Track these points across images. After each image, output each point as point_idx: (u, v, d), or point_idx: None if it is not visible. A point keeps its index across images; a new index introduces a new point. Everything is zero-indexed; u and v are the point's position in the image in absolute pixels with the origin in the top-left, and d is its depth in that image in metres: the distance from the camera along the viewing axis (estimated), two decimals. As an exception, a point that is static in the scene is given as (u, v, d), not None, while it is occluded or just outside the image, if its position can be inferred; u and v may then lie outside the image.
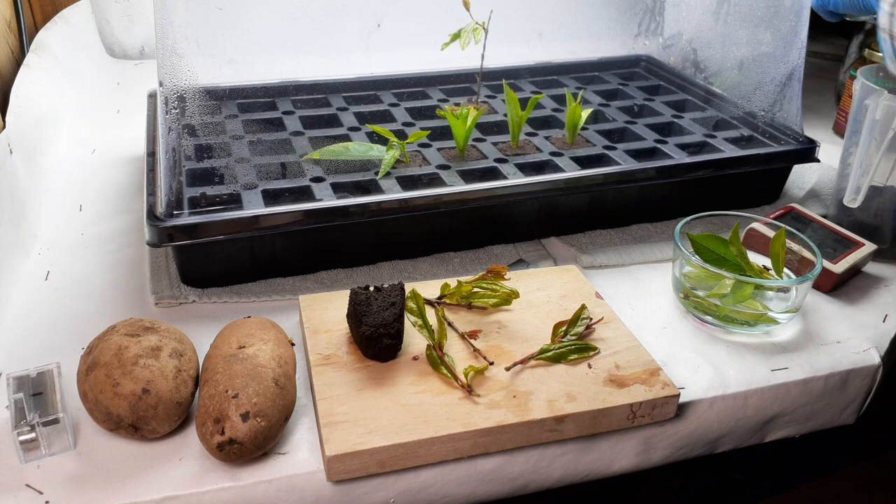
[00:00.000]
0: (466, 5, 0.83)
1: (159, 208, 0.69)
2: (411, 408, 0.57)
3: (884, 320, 0.74)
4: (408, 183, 0.77)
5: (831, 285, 0.76)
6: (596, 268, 0.79)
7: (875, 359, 0.69)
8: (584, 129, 0.91)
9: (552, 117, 0.96)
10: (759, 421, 0.66)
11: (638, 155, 0.86)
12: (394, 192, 0.75)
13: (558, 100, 0.99)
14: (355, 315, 0.62)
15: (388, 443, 0.54)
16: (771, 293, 0.71)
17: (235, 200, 0.73)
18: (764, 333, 0.71)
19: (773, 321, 0.70)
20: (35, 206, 0.83)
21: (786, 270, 0.74)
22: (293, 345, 0.63)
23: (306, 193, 0.75)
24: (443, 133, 0.88)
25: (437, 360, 0.61)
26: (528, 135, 0.90)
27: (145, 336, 0.56)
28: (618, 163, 0.83)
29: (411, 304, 0.65)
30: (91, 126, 1.06)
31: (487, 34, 0.84)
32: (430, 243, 0.79)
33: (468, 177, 0.79)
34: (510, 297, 0.69)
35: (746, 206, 0.90)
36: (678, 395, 0.61)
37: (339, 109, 0.93)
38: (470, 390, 0.59)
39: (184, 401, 0.56)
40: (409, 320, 0.65)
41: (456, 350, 0.64)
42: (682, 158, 0.85)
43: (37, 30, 1.10)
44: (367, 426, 0.56)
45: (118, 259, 0.78)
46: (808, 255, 0.73)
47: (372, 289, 0.64)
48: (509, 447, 0.58)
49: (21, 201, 0.79)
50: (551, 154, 0.85)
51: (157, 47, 0.70)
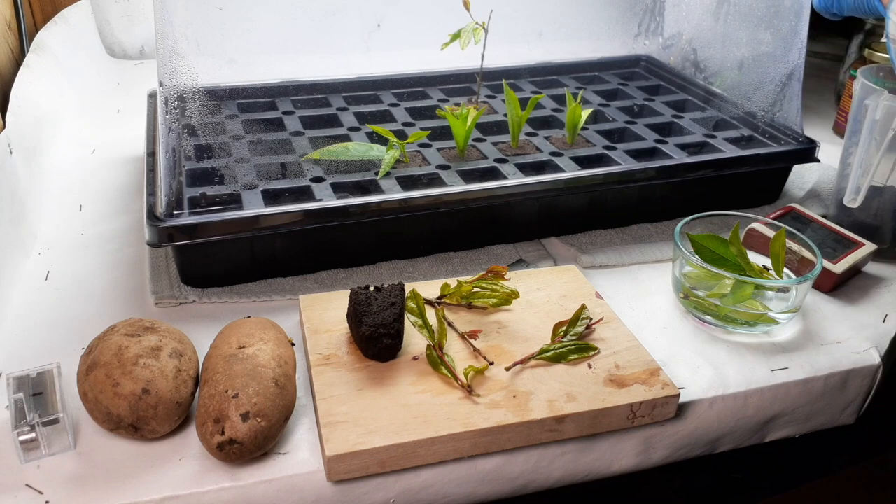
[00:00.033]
0: (466, 5, 0.83)
1: (159, 208, 0.69)
2: (411, 408, 0.57)
3: (884, 320, 0.74)
4: (408, 183, 0.77)
5: (831, 285, 0.76)
6: (596, 268, 0.79)
7: (875, 359, 0.69)
8: (584, 129, 0.91)
9: (552, 117, 0.96)
10: (759, 421, 0.66)
11: (638, 155, 0.86)
12: (394, 192, 0.75)
13: (558, 100, 0.99)
14: (355, 315, 0.62)
15: (388, 443, 0.54)
16: (771, 293, 0.71)
17: (235, 200, 0.73)
18: (764, 333, 0.71)
19: (773, 321, 0.70)
20: (35, 206, 0.83)
21: (786, 270, 0.74)
22: (293, 345, 0.63)
23: (306, 193, 0.75)
24: (443, 133, 0.88)
25: (437, 360, 0.61)
26: (528, 135, 0.90)
27: (145, 336, 0.56)
28: (618, 163, 0.83)
29: (411, 304, 0.65)
30: (91, 126, 1.06)
31: (487, 34, 0.84)
32: (430, 243, 0.79)
33: (468, 177, 0.79)
34: (510, 297, 0.69)
35: (746, 206, 0.90)
36: (678, 395, 0.61)
37: (339, 109, 0.93)
38: (470, 390, 0.59)
39: (184, 401, 0.56)
40: (409, 320, 0.65)
41: (456, 350, 0.64)
42: (682, 158, 0.85)
43: (37, 30, 1.10)
44: (367, 426, 0.56)
45: (118, 259, 0.78)
46: (808, 255, 0.73)
47: (372, 289, 0.64)
48: (509, 447, 0.58)
49: (21, 201, 0.79)
50: (551, 154, 0.85)
51: (157, 47, 0.70)
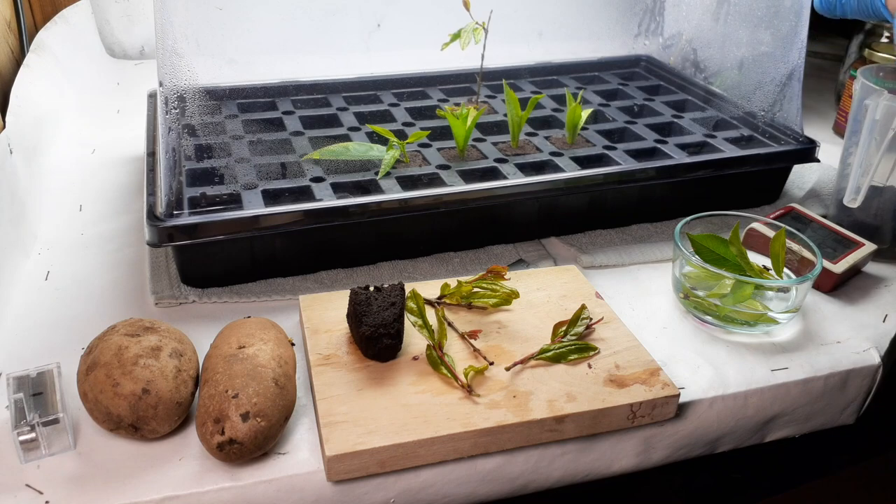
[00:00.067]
0: (466, 5, 0.83)
1: (159, 208, 0.69)
2: (411, 408, 0.57)
3: (884, 320, 0.74)
4: (408, 183, 0.77)
5: (831, 285, 0.76)
6: (596, 268, 0.79)
7: (875, 359, 0.69)
8: (584, 129, 0.91)
9: (552, 117, 0.96)
10: (759, 421, 0.66)
11: (638, 155, 0.86)
12: (394, 192, 0.75)
13: (558, 100, 0.99)
14: (355, 315, 0.62)
15: (388, 443, 0.54)
16: (771, 293, 0.71)
17: (235, 200, 0.73)
18: (764, 333, 0.71)
19: (773, 321, 0.70)
20: (35, 206, 0.83)
21: (786, 270, 0.74)
22: (293, 345, 0.63)
23: (306, 193, 0.75)
24: (443, 133, 0.88)
25: (437, 360, 0.61)
26: (528, 135, 0.90)
27: (145, 336, 0.56)
28: (618, 163, 0.83)
29: (411, 304, 0.65)
30: (91, 126, 1.06)
31: (487, 34, 0.84)
32: (430, 243, 0.79)
33: (468, 177, 0.79)
34: (510, 297, 0.69)
35: (746, 206, 0.90)
36: (678, 395, 0.61)
37: (339, 109, 0.93)
38: (470, 390, 0.59)
39: (184, 401, 0.56)
40: (409, 320, 0.65)
41: (456, 350, 0.64)
42: (682, 158, 0.85)
43: (37, 30, 1.10)
44: (367, 426, 0.56)
45: (118, 259, 0.78)
46: (808, 255, 0.73)
47: (372, 289, 0.64)
48: (509, 447, 0.58)
49: (21, 201, 0.79)
50: (551, 154, 0.85)
51: (157, 47, 0.70)
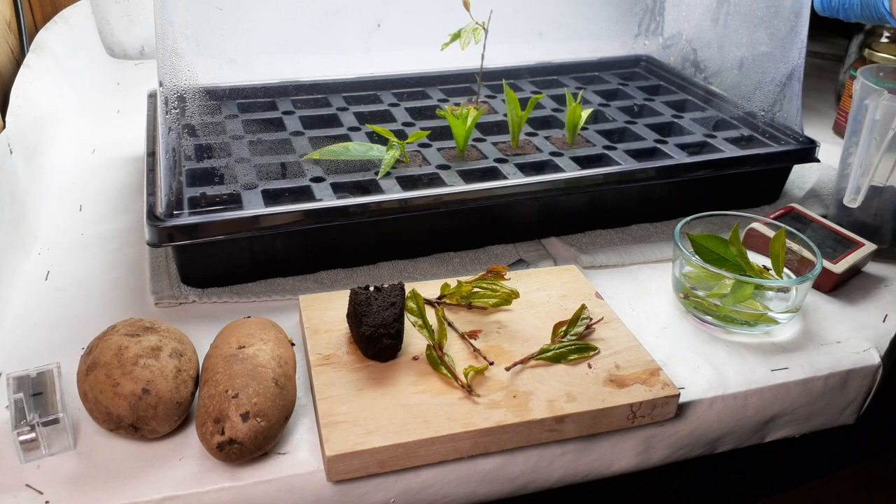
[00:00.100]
0: (466, 5, 0.83)
1: (159, 208, 0.69)
2: (411, 408, 0.57)
3: (884, 320, 0.74)
4: (408, 183, 0.77)
5: (831, 285, 0.76)
6: (596, 268, 0.79)
7: (875, 359, 0.69)
8: (584, 129, 0.91)
9: (552, 117, 0.96)
10: (759, 421, 0.66)
11: (638, 155, 0.86)
12: (393, 192, 0.75)
13: (558, 100, 0.99)
14: (355, 315, 0.62)
15: (388, 443, 0.54)
16: (771, 293, 0.71)
17: (235, 200, 0.73)
18: (764, 333, 0.71)
19: (773, 321, 0.70)
20: (35, 206, 0.83)
21: (786, 270, 0.74)
22: (293, 345, 0.63)
23: (306, 193, 0.75)
24: (443, 133, 0.88)
25: (437, 360, 0.61)
26: (529, 135, 0.90)
27: (145, 336, 0.56)
28: (618, 163, 0.83)
29: (411, 304, 0.65)
30: (91, 126, 1.06)
31: (487, 34, 0.84)
32: (430, 243, 0.79)
33: (468, 177, 0.79)
34: (510, 297, 0.69)
35: (746, 206, 0.90)
36: (678, 395, 0.61)
37: (339, 109, 0.93)
38: (470, 390, 0.59)
39: (184, 401, 0.56)
40: (409, 320, 0.65)
41: (456, 350, 0.64)
42: (682, 158, 0.84)
43: (37, 30, 1.10)
44: (367, 426, 0.56)
45: (118, 259, 0.78)
46: (808, 255, 0.73)
47: (372, 289, 0.64)
48: (509, 447, 0.58)
49: (21, 201, 0.79)
50: (551, 154, 0.85)
51: (157, 47, 0.70)
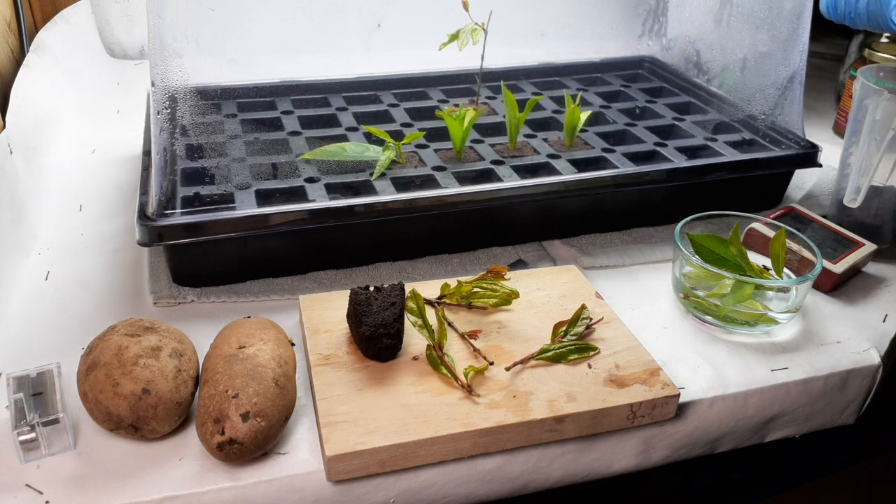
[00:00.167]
0: (465, 6, 0.83)
1: (150, 208, 0.69)
2: (411, 408, 0.57)
3: (884, 320, 0.74)
4: (402, 184, 0.77)
5: (831, 285, 0.76)
6: (596, 268, 0.79)
7: (875, 359, 0.69)
8: (583, 131, 0.91)
9: (552, 119, 0.95)
10: (759, 421, 0.66)
11: (636, 158, 0.85)
12: (386, 194, 0.74)
13: (559, 101, 0.99)
14: (355, 315, 0.62)
15: (388, 443, 0.54)
16: (771, 293, 0.71)
17: (228, 200, 0.72)
18: (764, 333, 0.71)
19: (773, 321, 0.70)
20: (35, 206, 0.83)
21: (786, 270, 0.74)
22: (293, 345, 0.63)
23: (299, 194, 0.75)
24: (442, 134, 0.87)
25: (437, 360, 0.61)
26: (527, 136, 0.89)
27: (145, 336, 0.56)
28: (615, 166, 0.83)
29: (411, 304, 0.65)
30: (91, 126, 1.06)
31: (487, 35, 0.84)
32: (427, 245, 0.78)
33: (463, 179, 0.79)
34: (510, 297, 0.68)
35: (747, 210, 0.89)
36: (678, 395, 0.61)
37: (339, 109, 0.93)
38: (470, 390, 0.59)
39: (184, 401, 0.56)
40: (409, 320, 0.65)
41: (456, 350, 0.64)
42: (681, 162, 0.84)
43: (37, 30, 1.10)
44: (367, 426, 0.56)
45: (118, 259, 0.78)
46: (808, 255, 0.73)
47: (372, 289, 0.64)
48: (509, 447, 0.58)
49: (21, 201, 0.79)
50: (548, 156, 0.84)
51: (150, 47, 0.70)
